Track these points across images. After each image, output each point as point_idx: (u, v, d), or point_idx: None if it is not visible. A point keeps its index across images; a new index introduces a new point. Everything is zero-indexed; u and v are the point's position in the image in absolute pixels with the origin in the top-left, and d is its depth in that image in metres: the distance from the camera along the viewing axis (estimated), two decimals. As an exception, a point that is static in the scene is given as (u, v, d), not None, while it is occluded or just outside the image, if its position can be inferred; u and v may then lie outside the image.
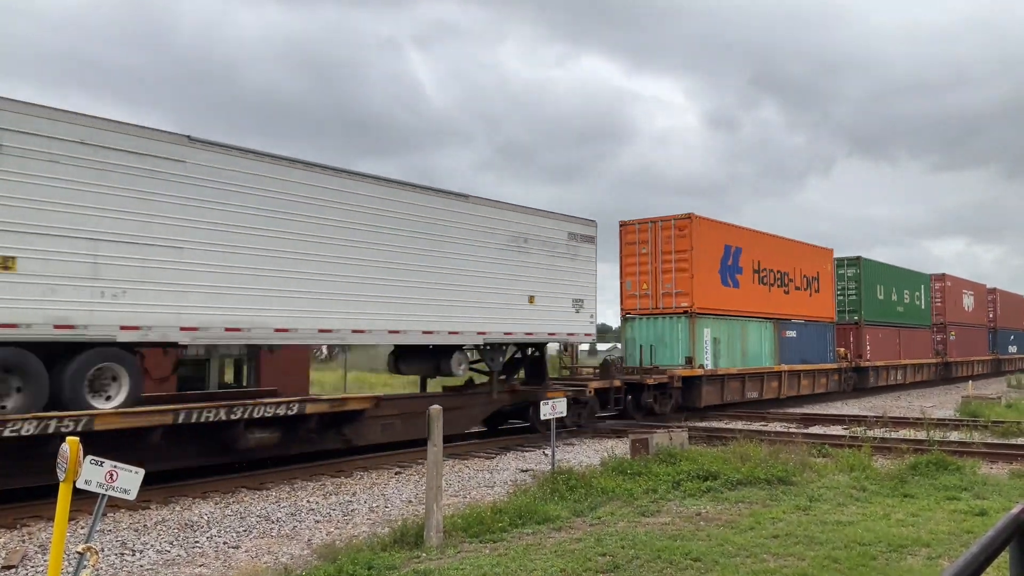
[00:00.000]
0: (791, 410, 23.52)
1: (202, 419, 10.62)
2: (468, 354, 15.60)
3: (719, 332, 22.61)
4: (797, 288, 26.76)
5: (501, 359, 16.31)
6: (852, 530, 8.00)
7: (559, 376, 19.90)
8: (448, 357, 15.03)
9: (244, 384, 19.29)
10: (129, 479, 4.98)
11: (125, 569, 7.41)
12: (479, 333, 15.07)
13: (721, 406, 22.35)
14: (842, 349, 29.89)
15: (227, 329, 11.10)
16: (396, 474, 12.72)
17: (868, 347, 31.28)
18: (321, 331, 12.46)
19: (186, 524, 9.17)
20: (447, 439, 9.86)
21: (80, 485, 4.77)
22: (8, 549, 7.98)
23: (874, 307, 32.12)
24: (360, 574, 6.58)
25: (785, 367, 25.53)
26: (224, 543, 8.42)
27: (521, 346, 17.08)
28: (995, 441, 15.50)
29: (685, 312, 21.66)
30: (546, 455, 13.48)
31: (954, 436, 16.35)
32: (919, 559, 6.99)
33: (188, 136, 10.84)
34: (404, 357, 15.80)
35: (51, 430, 9.13)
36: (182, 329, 10.57)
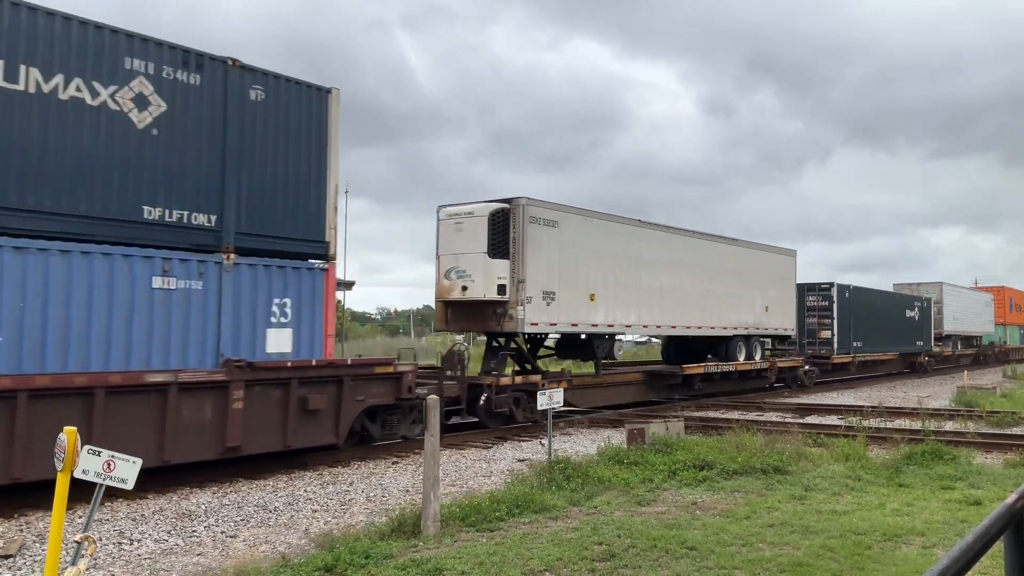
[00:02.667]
0: (787, 400, 23.59)
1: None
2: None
3: None
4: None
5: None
6: (847, 519, 8.04)
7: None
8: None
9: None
10: (127, 468, 4.98)
11: (123, 558, 7.42)
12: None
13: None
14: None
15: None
16: (393, 464, 12.75)
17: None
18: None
19: (184, 513, 9.19)
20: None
21: (78, 475, 4.77)
22: (6, 538, 8.00)
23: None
24: (358, 563, 6.60)
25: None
26: (222, 532, 8.44)
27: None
28: (990, 431, 15.58)
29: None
30: (543, 445, 13.51)
31: (949, 426, 16.43)
32: (914, 548, 7.03)
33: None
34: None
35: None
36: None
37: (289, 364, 11.55)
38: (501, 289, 16.29)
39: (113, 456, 4.93)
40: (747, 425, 14.90)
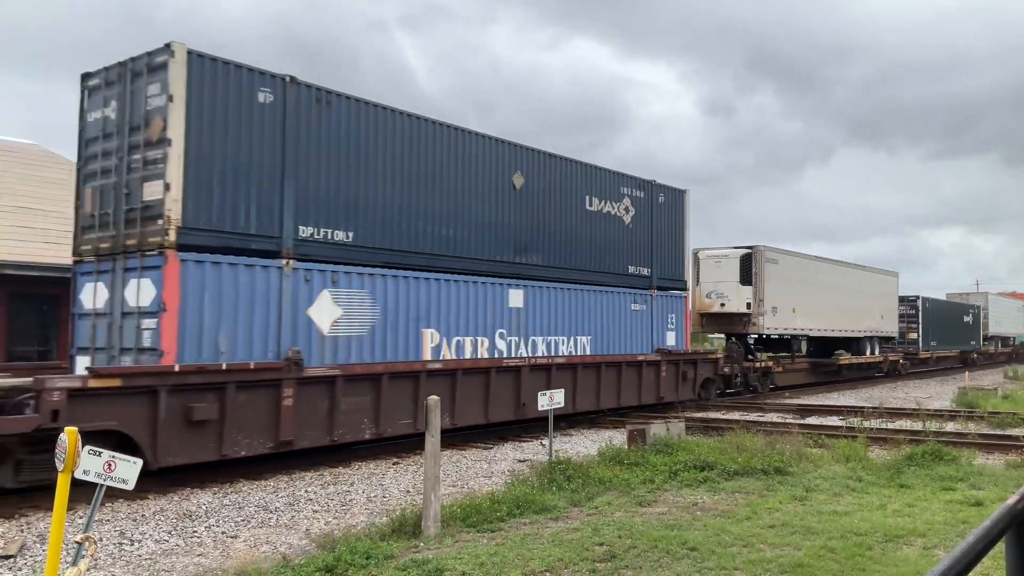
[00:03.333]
0: (788, 401, 23.59)
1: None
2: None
3: None
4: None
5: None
6: (848, 520, 8.04)
7: None
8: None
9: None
10: (127, 469, 4.98)
11: (123, 559, 7.43)
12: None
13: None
14: None
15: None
16: (394, 464, 12.75)
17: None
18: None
19: (184, 514, 9.19)
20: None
21: (78, 476, 4.77)
22: (7, 539, 8.00)
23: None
24: (358, 563, 6.60)
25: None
26: (222, 533, 8.44)
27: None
28: (991, 432, 15.56)
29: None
30: (543, 445, 13.51)
31: (950, 427, 16.41)
32: (915, 549, 7.03)
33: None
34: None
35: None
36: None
37: (681, 352, 21.03)
38: (748, 305, 25.77)
39: (114, 457, 4.93)
40: (748, 426, 14.90)
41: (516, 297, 16.09)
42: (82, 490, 7.25)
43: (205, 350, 10.94)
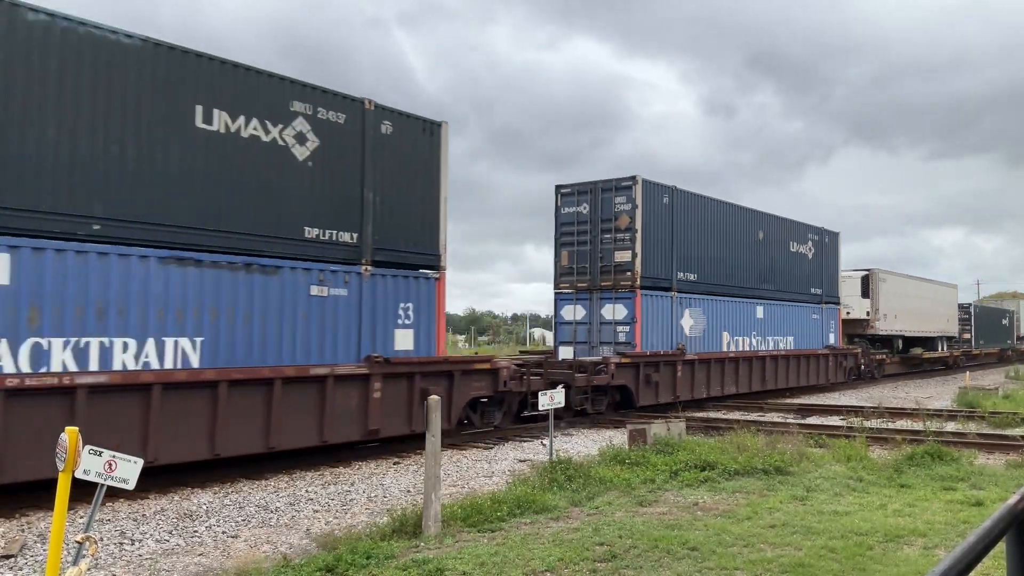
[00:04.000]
0: (788, 400, 23.59)
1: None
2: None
3: None
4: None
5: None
6: (849, 520, 8.04)
7: None
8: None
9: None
10: (128, 469, 4.98)
11: (124, 558, 7.43)
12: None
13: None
14: None
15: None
16: (394, 464, 12.75)
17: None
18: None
19: (185, 514, 9.20)
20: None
21: (79, 475, 4.77)
22: (7, 538, 8.00)
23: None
24: (359, 563, 6.61)
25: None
26: (223, 532, 8.44)
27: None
28: (992, 432, 15.55)
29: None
30: (544, 445, 13.51)
31: (950, 427, 16.40)
32: (915, 549, 7.03)
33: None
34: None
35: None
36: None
37: (839, 348, 27.65)
38: (867, 313, 34.27)
39: (114, 456, 4.93)
40: (748, 426, 14.90)
41: (759, 311, 24.82)
42: (83, 490, 7.25)
43: (653, 344, 20.24)
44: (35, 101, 9.47)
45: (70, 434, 4.75)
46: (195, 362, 10.77)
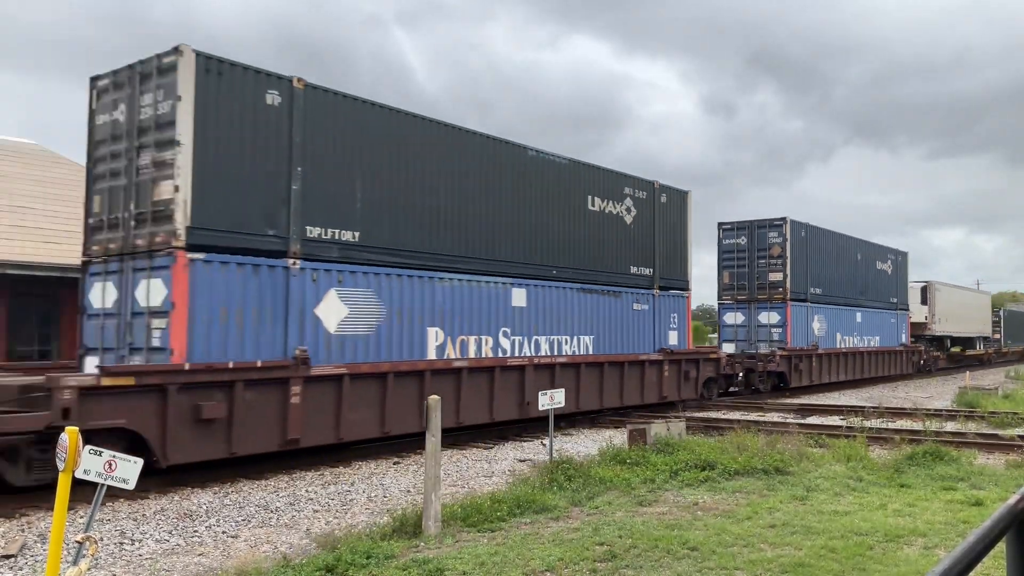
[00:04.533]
0: (788, 400, 23.59)
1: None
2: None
3: None
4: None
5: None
6: (849, 520, 8.04)
7: None
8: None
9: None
10: (128, 469, 4.99)
11: (124, 558, 7.43)
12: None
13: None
14: None
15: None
16: (394, 464, 12.75)
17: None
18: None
19: (185, 513, 9.20)
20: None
21: (79, 475, 4.77)
22: (7, 538, 8.01)
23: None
24: (359, 563, 6.60)
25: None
26: (223, 532, 8.44)
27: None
28: (991, 431, 15.55)
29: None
30: (544, 445, 13.51)
31: (950, 427, 16.40)
32: (915, 549, 7.03)
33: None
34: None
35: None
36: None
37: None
38: (925, 317, 39.83)
39: (114, 456, 4.94)
40: (748, 426, 14.90)
41: (858, 316, 31.35)
42: (83, 490, 7.25)
43: (796, 342, 26.56)
44: (529, 202, 16.58)
45: (70, 434, 4.75)
46: (592, 350, 18.05)
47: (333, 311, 12.57)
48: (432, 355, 14.17)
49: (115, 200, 11.74)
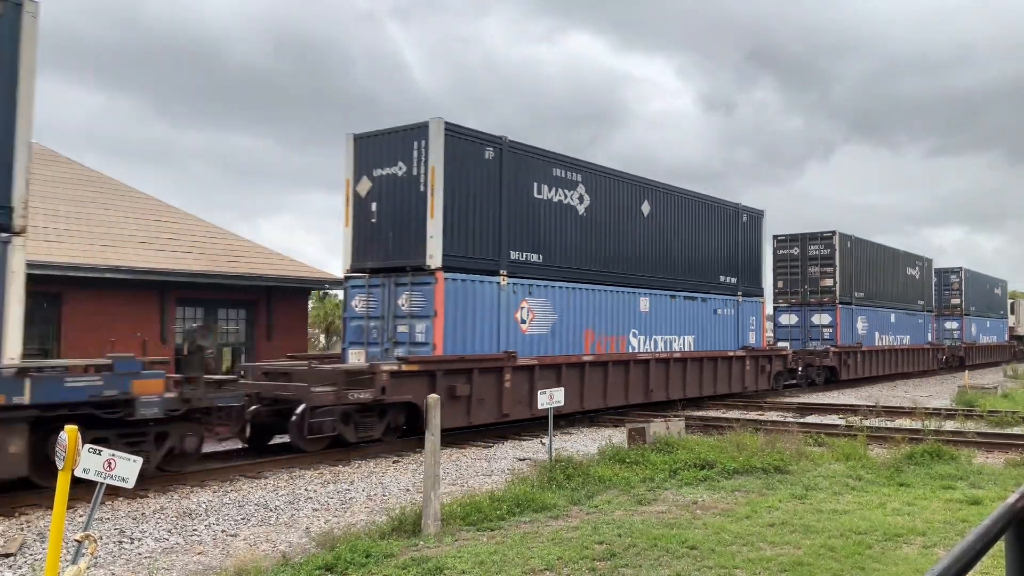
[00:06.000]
0: (787, 399, 23.61)
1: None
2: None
3: None
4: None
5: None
6: (848, 519, 8.04)
7: None
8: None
9: None
10: (127, 467, 4.98)
11: (123, 557, 7.43)
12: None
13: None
14: None
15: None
16: (394, 463, 12.76)
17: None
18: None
19: (184, 512, 9.20)
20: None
21: (79, 474, 4.77)
22: (7, 537, 8.01)
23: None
24: (358, 562, 6.61)
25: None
26: (222, 531, 8.44)
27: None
28: (990, 431, 15.56)
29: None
30: (543, 444, 13.52)
31: (949, 426, 16.41)
32: (914, 548, 7.03)
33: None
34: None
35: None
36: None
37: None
38: (1012, 324, 54.21)
39: (114, 455, 4.94)
40: (748, 425, 14.90)
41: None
42: (83, 488, 7.25)
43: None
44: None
45: (69, 433, 4.75)
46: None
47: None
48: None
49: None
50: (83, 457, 4.78)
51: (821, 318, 30.21)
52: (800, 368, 28.20)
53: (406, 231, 14.95)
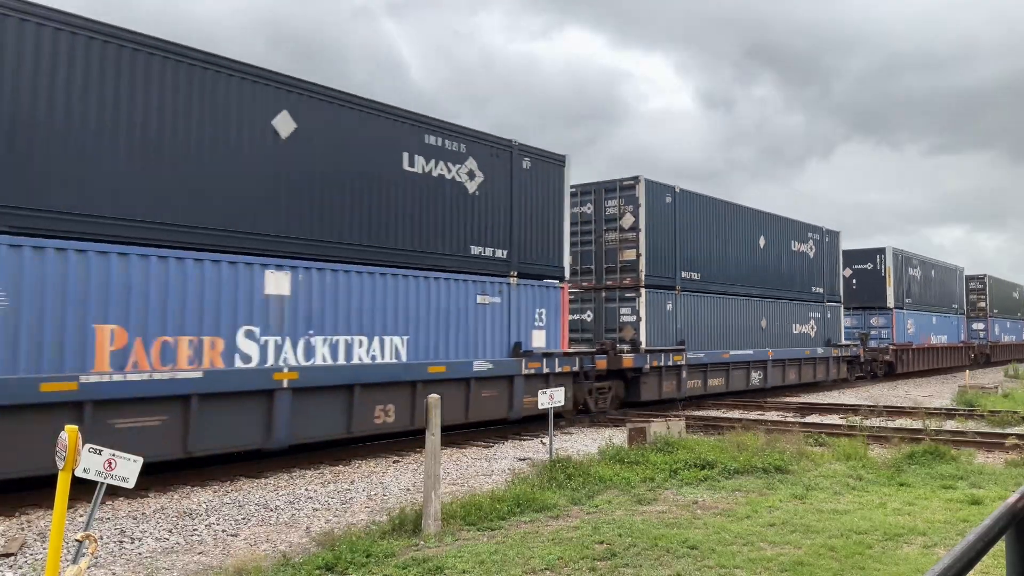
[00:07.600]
0: (788, 399, 23.60)
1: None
2: None
3: None
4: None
5: None
6: (848, 519, 8.04)
7: None
8: None
9: None
10: (128, 467, 4.98)
11: (124, 556, 7.43)
12: None
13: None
14: None
15: None
16: (394, 462, 12.76)
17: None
18: None
19: (184, 512, 9.20)
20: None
21: (79, 473, 4.77)
22: (7, 537, 8.01)
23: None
24: (359, 561, 6.61)
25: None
26: (223, 531, 8.44)
27: None
28: (991, 430, 15.55)
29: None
30: (544, 444, 13.51)
31: (950, 425, 16.41)
32: (915, 547, 7.03)
33: None
34: None
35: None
36: None
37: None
38: None
39: (114, 455, 4.94)
40: (748, 424, 14.90)
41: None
42: (83, 488, 7.25)
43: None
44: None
45: (70, 432, 4.75)
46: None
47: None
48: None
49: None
50: (83, 457, 4.78)
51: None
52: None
53: None
